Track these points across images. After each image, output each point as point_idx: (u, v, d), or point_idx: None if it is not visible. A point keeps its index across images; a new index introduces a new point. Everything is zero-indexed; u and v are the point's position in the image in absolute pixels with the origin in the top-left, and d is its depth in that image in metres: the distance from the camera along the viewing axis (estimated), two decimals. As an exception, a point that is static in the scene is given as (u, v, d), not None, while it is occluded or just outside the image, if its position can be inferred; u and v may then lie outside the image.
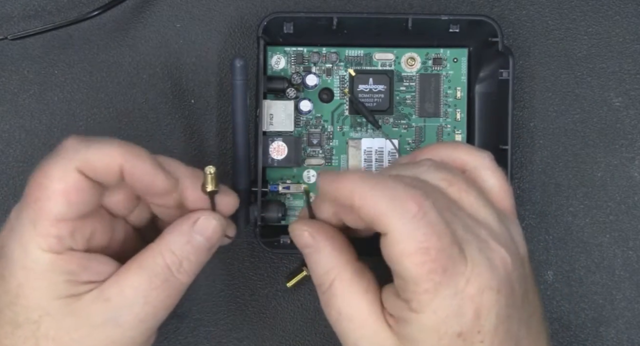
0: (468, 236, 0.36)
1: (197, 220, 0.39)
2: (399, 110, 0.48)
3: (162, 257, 0.38)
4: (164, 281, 0.38)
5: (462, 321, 0.35)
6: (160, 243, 0.38)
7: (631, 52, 0.49)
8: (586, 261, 0.48)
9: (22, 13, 0.48)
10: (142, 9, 0.49)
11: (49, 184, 0.36)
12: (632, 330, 0.48)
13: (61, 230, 0.36)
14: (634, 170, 0.49)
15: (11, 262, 0.36)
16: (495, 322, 0.35)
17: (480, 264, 0.35)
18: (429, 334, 0.35)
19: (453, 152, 0.40)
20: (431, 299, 0.35)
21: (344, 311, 0.37)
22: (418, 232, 0.35)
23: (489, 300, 0.35)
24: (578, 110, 0.49)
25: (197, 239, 0.39)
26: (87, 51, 0.48)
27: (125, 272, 0.37)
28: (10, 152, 0.48)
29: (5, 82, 0.48)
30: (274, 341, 0.48)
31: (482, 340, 0.35)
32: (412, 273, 0.35)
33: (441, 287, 0.35)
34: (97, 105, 0.48)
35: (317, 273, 0.38)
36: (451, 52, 0.48)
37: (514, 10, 0.49)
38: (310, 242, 0.38)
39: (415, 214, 0.35)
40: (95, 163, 0.37)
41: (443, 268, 0.35)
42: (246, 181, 0.45)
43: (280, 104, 0.46)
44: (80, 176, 0.37)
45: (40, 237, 0.36)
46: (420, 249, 0.34)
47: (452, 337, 0.35)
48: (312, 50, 0.47)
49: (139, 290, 0.37)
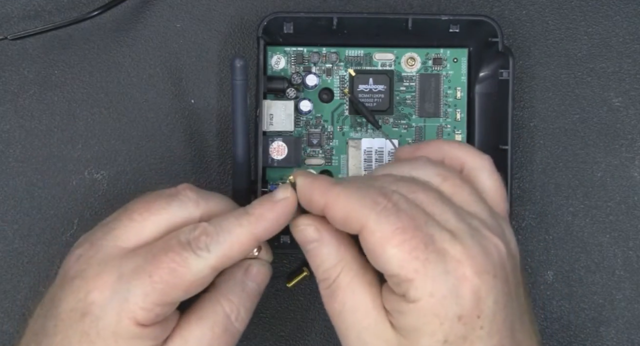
0: (460, 224, 0.36)
1: (249, 267, 0.40)
2: (399, 110, 0.48)
3: (221, 306, 0.39)
4: (224, 330, 0.39)
5: (461, 303, 0.35)
6: (217, 293, 0.39)
7: (631, 52, 0.49)
8: (586, 261, 0.48)
9: (22, 13, 0.48)
10: (142, 9, 0.49)
11: (186, 278, 0.37)
12: (632, 330, 0.48)
13: (164, 310, 0.37)
14: (634, 170, 0.49)
15: (101, 323, 0.36)
16: (493, 308, 0.35)
17: (473, 248, 0.35)
18: (429, 319, 0.35)
19: (454, 150, 0.40)
20: (424, 281, 0.35)
21: (348, 304, 0.37)
22: (390, 217, 0.35)
23: (486, 284, 0.35)
24: (578, 110, 0.49)
25: (251, 285, 0.40)
26: (87, 51, 0.48)
27: (188, 325, 0.38)
28: (10, 152, 0.48)
29: (5, 82, 0.48)
30: (274, 341, 0.48)
31: (482, 326, 0.35)
32: (396, 257, 0.35)
33: (429, 265, 0.35)
34: (97, 105, 0.48)
35: (322, 268, 0.38)
36: (451, 52, 0.48)
37: (514, 10, 0.49)
38: (316, 237, 0.38)
39: (385, 205, 0.35)
40: (235, 256, 0.38)
41: (424, 244, 0.35)
42: (246, 181, 0.45)
43: (280, 104, 0.46)
44: (212, 272, 0.37)
45: (144, 312, 0.36)
46: (396, 230, 0.35)
47: (452, 321, 0.35)
48: (312, 50, 0.47)
49: (202, 341, 0.38)
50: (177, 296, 0.37)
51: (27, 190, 0.48)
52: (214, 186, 0.48)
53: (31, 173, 0.48)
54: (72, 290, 0.37)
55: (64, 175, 0.48)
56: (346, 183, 0.37)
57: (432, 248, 0.35)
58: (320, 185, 0.37)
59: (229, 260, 0.38)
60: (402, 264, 0.35)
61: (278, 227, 0.39)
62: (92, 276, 0.37)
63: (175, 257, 0.37)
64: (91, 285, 0.37)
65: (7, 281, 0.48)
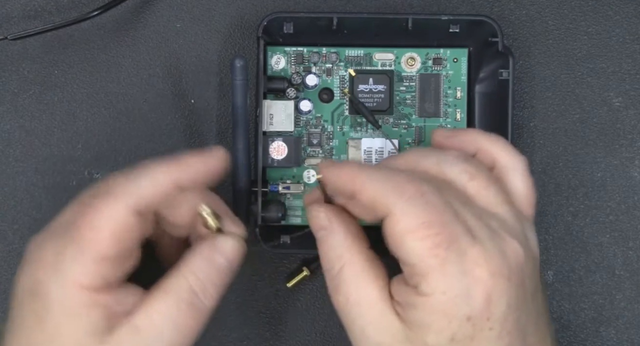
0: (479, 224, 0.36)
1: (217, 242, 0.39)
2: (399, 110, 0.48)
3: (186, 281, 0.38)
4: (190, 305, 0.37)
5: (472, 304, 0.35)
6: (183, 267, 0.38)
7: (631, 52, 0.49)
8: (586, 261, 0.48)
9: (22, 13, 0.48)
10: (142, 9, 0.49)
11: (101, 225, 0.36)
12: (632, 330, 0.48)
13: (105, 268, 0.36)
14: (634, 170, 0.49)
15: (48, 301, 0.36)
16: (505, 311, 0.35)
17: (490, 250, 0.35)
18: (437, 317, 0.35)
19: (490, 145, 0.40)
20: (439, 278, 0.35)
21: (352, 297, 0.37)
22: (418, 209, 0.35)
23: (500, 287, 0.35)
24: (578, 110, 0.49)
25: (220, 261, 0.39)
26: (87, 51, 0.48)
27: (152, 299, 0.37)
28: (10, 152, 0.48)
29: (5, 82, 0.48)
30: (274, 341, 0.48)
31: (492, 327, 0.35)
32: (416, 251, 0.35)
33: (447, 264, 0.35)
34: (97, 105, 0.48)
35: (329, 257, 0.38)
36: (451, 52, 0.48)
37: (514, 10, 0.49)
38: (326, 224, 0.38)
39: (413, 194, 0.35)
40: (150, 197, 0.37)
41: (447, 243, 0.35)
42: (246, 181, 0.45)
43: (280, 104, 0.46)
44: (131, 215, 0.37)
45: (83, 274, 0.36)
46: (422, 224, 0.35)
47: (461, 321, 0.35)
48: (312, 50, 0.47)
49: (167, 316, 0.37)
50: (108, 247, 0.36)
51: (27, 190, 0.48)
52: (214, 186, 0.48)
53: (31, 173, 0.48)
54: (24, 273, 0.37)
55: (64, 175, 0.48)
56: (375, 168, 0.37)
57: (453, 248, 0.35)
58: (348, 171, 0.37)
59: (149, 202, 0.37)
60: (420, 258, 0.35)
61: (202, 179, 0.38)
62: (37, 258, 0.37)
63: (91, 209, 0.36)
64: (36, 266, 0.37)
65: (7, 281, 0.48)
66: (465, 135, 0.41)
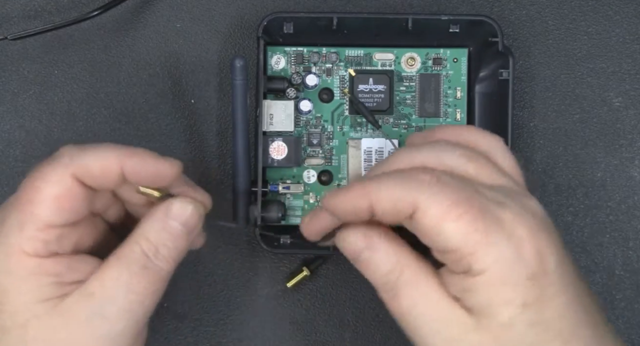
0: (496, 194, 0.36)
1: (171, 206, 0.38)
2: (399, 110, 0.48)
3: (138, 245, 0.37)
4: (142, 268, 0.37)
5: (528, 263, 0.35)
6: (136, 232, 0.38)
7: (631, 52, 0.49)
8: (586, 261, 0.48)
9: (22, 13, 0.48)
10: (142, 9, 0.49)
11: (43, 188, 0.36)
12: (632, 329, 0.48)
13: (49, 236, 0.36)
14: (634, 170, 0.49)
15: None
16: (557, 264, 0.35)
17: (519, 211, 0.35)
18: (501, 288, 0.35)
19: (466, 133, 0.40)
20: (487, 250, 0.34)
21: (415, 300, 0.36)
22: (441, 193, 0.35)
23: (544, 241, 0.35)
24: (578, 110, 0.49)
25: (173, 225, 0.38)
26: (87, 51, 0.48)
27: (105, 266, 0.37)
28: (10, 152, 0.48)
29: (5, 82, 0.48)
30: (274, 341, 0.48)
31: (552, 283, 0.35)
32: (456, 232, 0.35)
33: (490, 234, 0.34)
34: (97, 105, 0.48)
35: (380, 273, 0.37)
36: (451, 52, 0.48)
37: (514, 10, 0.49)
38: (364, 245, 0.37)
39: (429, 181, 0.35)
40: (94, 169, 0.37)
41: (481, 214, 0.35)
42: (246, 181, 0.45)
43: (280, 104, 0.46)
44: (75, 182, 0.37)
45: (27, 240, 0.36)
46: (450, 205, 0.35)
47: (524, 283, 0.35)
48: (312, 50, 0.47)
49: (119, 281, 0.37)
50: (50, 213, 0.36)
51: (27, 190, 0.48)
52: (214, 186, 0.48)
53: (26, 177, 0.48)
54: None
55: (64, 175, 0.48)
56: (379, 176, 0.37)
57: (488, 217, 0.35)
58: (357, 188, 0.37)
59: (92, 175, 0.37)
60: (463, 238, 0.35)
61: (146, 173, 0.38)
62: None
63: (35, 174, 0.37)
64: None
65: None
66: (441, 132, 0.40)
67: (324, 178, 0.47)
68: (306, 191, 0.47)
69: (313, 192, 0.47)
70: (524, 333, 0.35)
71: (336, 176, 0.47)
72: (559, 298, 0.35)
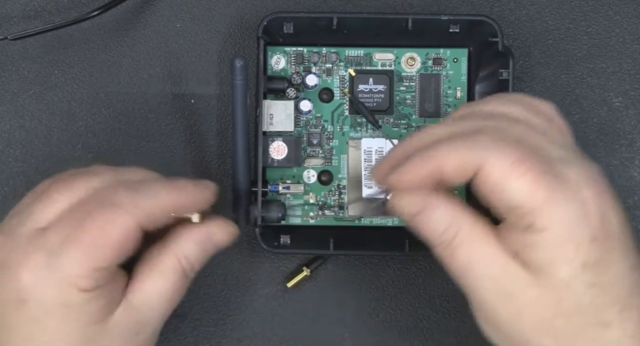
0: (563, 151, 0.36)
1: (214, 235, 0.40)
2: (399, 110, 0.48)
3: (179, 263, 0.39)
4: (179, 280, 0.39)
5: (592, 225, 0.34)
6: (176, 249, 0.39)
7: (631, 52, 0.49)
8: (586, 261, 0.48)
9: (22, 13, 0.48)
10: (142, 9, 0.49)
11: (109, 234, 0.36)
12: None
13: (102, 275, 0.37)
14: (634, 170, 0.48)
15: (45, 304, 0.36)
16: (619, 228, 0.35)
17: (585, 171, 0.35)
18: (563, 246, 0.35)
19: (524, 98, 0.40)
20: (553, 207, 0.34)
21: (473, 256, 0.36)
22: (503, 151, 0.35)
23: (608, 204, 0.35)
24: (578, 110, 0.49)
25: (210, 247, 0.40)
26: (87, 51, 0.48)
27: (146, 278, 0.39)
28: (10, 152, 0.48)
29: (5, 82, 0.48)
30: (274, 341, 0.48)
31: (614, 246, 0.35)
32: (521, 189, 0.34)
33: (555, 191, 0.34)
34: (97, 105, 0.48)
35: (438, 231, 0.37)
36: (451, 52, 0.48)
37: (514, 10, 0.49)
38: (423, 204, 0.37)
39: (492, 139, 0.35)
40: (156, 215, 0.38)
41: (546, 170, 0.35)
42: (246, 181, 0.45)
43: (280, 104, 0.46)
44: (137, 230, 0.37)
45: (82, 279, 0.36)
46: (515, 162, 0.34)
47: (589, 244, 0.34)
48: (312, 50, 0.47)
49: (160, 293, 0.39)
50: (110, 257, 0.37)
51: (27, 190, 0.48)
52: (214, 186, 0.48)
53: (31, 173, 0.48)
54: (1, 283, 0.37)
55: (64, 175, 0.48)
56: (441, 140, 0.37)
57: (554, 173, 0.35)
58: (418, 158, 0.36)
59: (152, 220, 0.38)
60: (528, 194, 0.34)
61: (195, 206, 0.39)
62: (17, 262, 0.37)
63: (99, 216, 0.37)
64: (19, 271, 0.36)
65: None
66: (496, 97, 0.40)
67: (324, 178, 0.48)
68: (306, 191, 0.47)
69: (313, 192, 0.48)
70: (582, 293, 0.35)
71: (336, 176, 0.47)
72: (620, 264, 0.35)
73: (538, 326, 0.35)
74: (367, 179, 0.47)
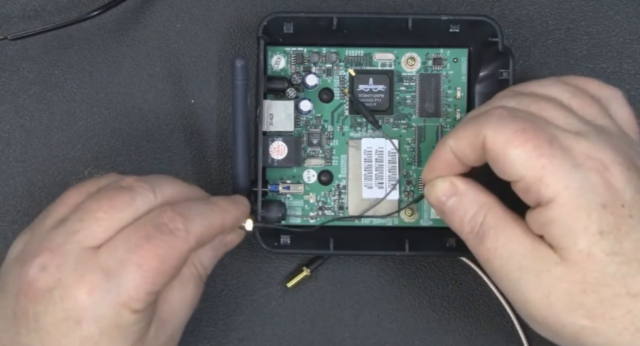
0: (585, 127, 0.36)
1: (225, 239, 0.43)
2: (399, 110, 0.48)
3: (197, 271, 0.41)
4: (197, 286, 0.42)
5: (599, 192, 0.35)
6: (193, 257, 0.41)
7: (631, 52, 0.49)
8: (586, 261, 0.48)
9: (22, 13, 0.48)
10: (142, 9, 0.49)
11: (166, 261, 0.37)
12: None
13: (153, 298, 0.38)
14: (634, 170, 0.48)
15: (101, 323, 0.37)
16: (636, 198, 0.35)
17: (600, 144, 0.36)
18: (574, 215, 0.35)
19: (584, 84, 0.40)
20: (554, 175, 0.35)
21: (501, 239, 0.37)
22: (509, 122, 0.36)
23: (621, 175, 0.35)
24: (578, 110, 0.49)
25: (222, 249, 0.43)
26: (87, 51, 0.48)
27: (170, 291, 0.40)
28: (10, 152, 0.48)
29: (5, 82, 0.48)
30: (274, 341, 0.48)
31: (631, 215, 0.35)
32: (520, 157, 0.35)
33: (556, 159, 0.35)
34: (97, 105, 0.48)
35: (467, 217, 0.38)
36: (451, 52, 0.48)
37: (514, 10, 0.49)
38: (453, 190, 0.39)
39: (500, 113, 0.37)
40: (207, 240, 0.40)
41: (548, 141, 0.35)
42: (246, 181, 0.45)
43: (280, 104, 0.46)
44: (189, 254, 0.38)
45: (135, 301, 0.37)
46: (516, 131, 0.36)
47: (599, 210, 0.35)
48: (312, 50, 0.47)
49: (185, 304, 0.41)
50: (165, 281, 0.38)
51: (27, 190, 0.48)
52: (214, 186, 0.48)
53: (31, 173, 0.48)
54: (54, 301, 0.37)
55: (64, 175, 0.48)
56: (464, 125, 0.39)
57: (557, 145, 0.35)
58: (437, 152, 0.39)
59: (202, 244, 0.39)
60: (527, 163, 0.35)
61: (237, 224, 0.42)
62: (73, 282, 0.37)
63: (159, 242, 0.37)
64: (76, 290, 0.37)
65: (7, 281, 0.48)
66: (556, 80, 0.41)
67: (323, 178, 0.48)
68: (306, 191, 0.47)
69: (313, 192, 0.48)
70: (605, 262, 0.35)
71: (336, 176, 0.47)
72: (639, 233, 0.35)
73: (568, 307, 0.36)
74: (367, 179, 0.47)
